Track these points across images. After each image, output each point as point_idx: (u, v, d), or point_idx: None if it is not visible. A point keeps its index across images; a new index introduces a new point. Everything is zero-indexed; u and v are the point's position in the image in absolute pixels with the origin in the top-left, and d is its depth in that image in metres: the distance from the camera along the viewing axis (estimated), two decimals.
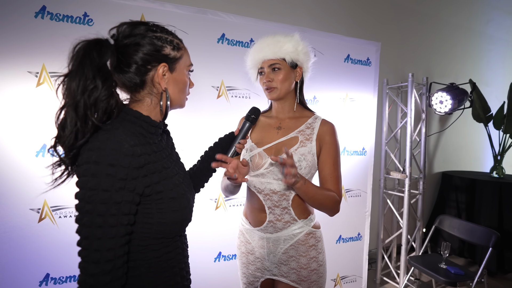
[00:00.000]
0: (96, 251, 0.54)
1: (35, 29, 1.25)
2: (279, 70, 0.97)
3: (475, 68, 3.44)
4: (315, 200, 0.92)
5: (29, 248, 1.28)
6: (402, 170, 2.30)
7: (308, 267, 0.98)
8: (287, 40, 0.97)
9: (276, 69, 0.97)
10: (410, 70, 2.41)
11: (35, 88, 1.28)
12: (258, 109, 1.03)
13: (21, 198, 1.26)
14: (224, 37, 1.63)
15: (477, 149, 3.58)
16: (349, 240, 2.07)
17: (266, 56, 0.97)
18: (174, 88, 0.70)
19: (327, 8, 2.44)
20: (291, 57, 0.97)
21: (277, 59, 0.97)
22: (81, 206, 0.56)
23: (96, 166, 0.55)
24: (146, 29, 0.65)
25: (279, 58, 0.97)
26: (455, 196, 2.89)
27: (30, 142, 1.28)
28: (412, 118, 2.20)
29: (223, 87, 1.64)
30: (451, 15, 3.17)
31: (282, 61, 0.97)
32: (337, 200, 0.95)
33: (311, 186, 0.90)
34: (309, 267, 0.98)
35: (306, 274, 0.97)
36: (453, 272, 1.81)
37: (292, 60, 0.98)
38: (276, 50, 0.96)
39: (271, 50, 0.96)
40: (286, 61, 0.97)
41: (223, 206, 1.68)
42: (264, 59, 0.98)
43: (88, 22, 1.35)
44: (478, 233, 1.87)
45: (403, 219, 2.23)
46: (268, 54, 0.97)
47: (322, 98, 1.90)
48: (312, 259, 0.98)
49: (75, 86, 0.56)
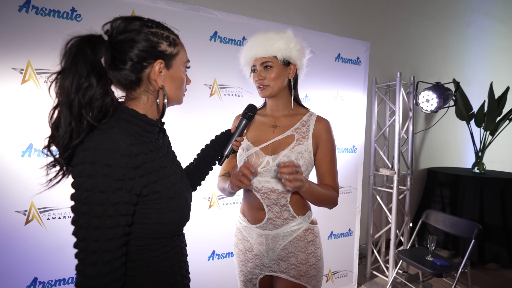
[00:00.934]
0: (93, 253, 0.53)
1: (19, 24, 1.20)
2: (271, 68, 0.96)
3: (457, 67, 3.58)
4: (318, 199, 0.94)
5: (15, 252, 1.23)
6: (391, 166, 2.37)
7: (307, 262, 0.99)
8: (279, 38, 0.96)
9: (268, 67, 0.96)
10: (397, 70, 2.48)
11: (20, 85, 1.22)
12: (254, 106, 1.02)
13: (7, 200, 1.21)
14: (217, 35, 1.62)
15: (460, 146, 3.73)
16: (340, 236, 2.12)
17: (257, 54, 0.96)
18: (171, 85, 0.68)
19: (318, 8, 2.47)
20: (283, 54, 0.96)
21: (269, 57, 0.96)
22: (77, 208, 0.54)
23: (92, 166, 0.54)
24: (141, 25, 0.63)
25: (271, 56, 0.95)
26: (440, 191, 3.00)
27: (16, 142, 1.23)
28: (401, 116, 2.26)
29: (215, 85, 1.63)
30: (435, 17, 3.28)
31: (274, 59, 0.96)
32: (336, 195, 0.99)
33: (315, 187, 0.92)
34: (308, 262, 0.99)
35: (305, 269, 0.98)
36: (438, 264, 1.88)
37: (284, 58, 0.96)
38: (268, 47, 0.95)
39: (262, 48, 0.95)
40: (278, 58, 0.96)
41: (217, 205, 1.67)
42: (256, 56, 0.97)
43: (76, 18, 1.30)
44: (462, 226, 1.95)
45: (392, 214, 2.30)
46: (259, 52, 0.96)
47: (314, 96, 1.93)
48: (311, 254, 1.00)
49: (68, 84, 0.54)
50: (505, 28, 4.04)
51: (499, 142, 3.35)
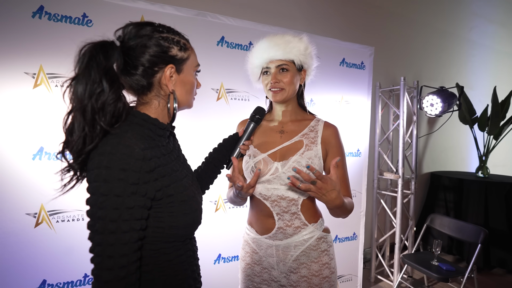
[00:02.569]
0: (109, 258, 0.54)
1: (33, 30, 1.22)
2: (287, 72, 0.93)
3: (460, 72, 3.60)
4: (342, 211, 0.87)
5: (25, 254, 1.24)
6: (395, 170, 2.37)
7: (320, 274, 0.93)
8: (298, 42, 0.94)
9: (284, 70, 0.93)
10: (401, 74, 2.50)
11: (32, 89, 1.24)
12: (263, 108, 1.00)
13: (17, 202, 1.22)
14: (224, 40, 1.64)
15: (463, 150, 3.72)
16: (345, 240, 2.12)
17: (275, 55, 0.92)
18: (182, 90, 0.69)
19: (323, 13, 2.50)
20: (300, 59, 0.94)
21: (286, 60, 0.93)
22: (93, 212, 0.55)
23: (108, 171, 0.54)
24: (152, 30, 0.64)
25: (288, 59, 0.93)
26: (444, 195, 3.00)
27: (27, 145, 1.24)
28: (405, 120, 2.27)
29: (222, 89, 1.65)
30: (438, 22, 3.30)
31: (291, 63, 0.94)
32: (353, 204, 0.94)
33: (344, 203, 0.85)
34: (321, 274, 0.93)
35: (317, 282, 0.92)
36: (444, 268, 1.88)
37: (300, 63, 0.95)
38: (287, 50, 0.92)
39: (281, 50, 0.92)
40: (295, 63, 0.94)
41: (223, 208, 1.68)
42: (272, 58, 0.93)
43: (87, 23, 1.33)
44: (468, 230, 1.95)
45: (396, 219, 2.30)
46: (277, 54, 0.92)
47: (319, 100, 1.94)
48: (325, 266, 0.94)
49: (82, 90, 0.55)
50: (507, 33, 4.06)
51: (503, 146, 3.35)
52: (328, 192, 0.78)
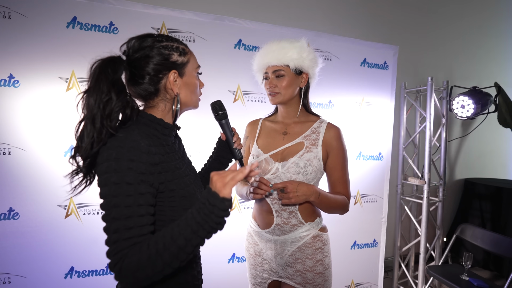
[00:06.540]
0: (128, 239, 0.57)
1: (66, 38, 1.35)
2: (282, 77, 0.98)
3: (501, 70, 3.29)
4: (328, 208, 0.97)
5: (56, 242, 1.37)
6: (421, 176, 2.24)
7: (314, 270, 0.99)
8: (292, 47, 0.97)
9: (280, 75, 0.98)
10: (429, 74, 2.34)
11: (65, 92, 1.37)
12: (218, 101, 0.89)
13: (50, 195, 1.35)
14: (241, 42, 1.67)
15: (503, 156, 3.40)
16: (365, 246, 2.04)
17: (270, 62, 0.98)
18: (186, 91, 0.74)
19: (343, 12, 2.44)
20: (295, 64, 0.97)
21: (281, 66, 0.97)
22: (107, 202, 0.59)
23: (117, 162, 0.59)
24: (153, 41, 0.70)
25: (283, 64, 0.97)
26: (479, 205, 2.76)
27: (59, 143, 1.37)
28: (432, 123, 2.14)
29: (239, 91, 1.68)
30: (474, 15, 3.06)
31: (286, 68, 0.97)
32: (347, 202, 1.00)
33: (325, 197, 0.94)
34: (315, 270, 0.99)
35: (311, 276, 0.98)
36: (476, 284, 1.73)
37: (296, 67, 0.98)
38: (280, 56, 0.96)
39: (275, 57, 0.97)
40: (290, 67, 0.97)
41: (238, 208, 1.70)
42: (268, 64, 0.99)
43: (114, 31, 1.43)
44: (505, 244, 1.77)
45: (421, 227, 2.16)
46: (272, 60, 0.97)
47: (338, 102, 1.90)
48: (318, 262, 0.99)
49: (92, 101, 0.61)
50: None
51: None
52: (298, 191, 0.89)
